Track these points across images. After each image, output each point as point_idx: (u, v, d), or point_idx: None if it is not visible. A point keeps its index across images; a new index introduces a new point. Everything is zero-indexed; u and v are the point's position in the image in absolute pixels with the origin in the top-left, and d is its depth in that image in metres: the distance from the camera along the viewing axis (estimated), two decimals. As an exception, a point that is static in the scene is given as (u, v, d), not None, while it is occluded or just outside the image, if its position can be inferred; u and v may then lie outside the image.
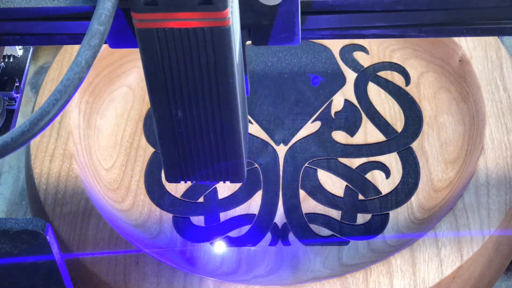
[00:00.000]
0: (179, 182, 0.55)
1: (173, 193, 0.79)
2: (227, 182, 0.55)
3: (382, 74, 0.87)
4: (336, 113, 0.84)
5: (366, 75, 0.87)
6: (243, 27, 0.50)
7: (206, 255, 0.74)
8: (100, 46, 0.44)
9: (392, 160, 0.80)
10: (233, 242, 0.75)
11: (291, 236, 0.75)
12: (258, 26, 0.50)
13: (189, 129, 0.51)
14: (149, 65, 0.48)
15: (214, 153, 0.53)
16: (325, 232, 0.75)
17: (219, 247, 0.75)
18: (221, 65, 0.48)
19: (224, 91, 0.49)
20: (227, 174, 0.54)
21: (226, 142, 0.52)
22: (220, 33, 0.46)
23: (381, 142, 0.81)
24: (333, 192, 0.78)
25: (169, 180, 0.55)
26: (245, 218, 0.77)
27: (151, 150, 0.82)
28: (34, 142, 0.78)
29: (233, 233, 0.76)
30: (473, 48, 0.83)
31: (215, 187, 0.79)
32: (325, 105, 0.84)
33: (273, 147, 0.81)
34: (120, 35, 0.50)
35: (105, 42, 0.49)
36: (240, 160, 0.53)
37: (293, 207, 0.77)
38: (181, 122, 0.51)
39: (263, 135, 0.82)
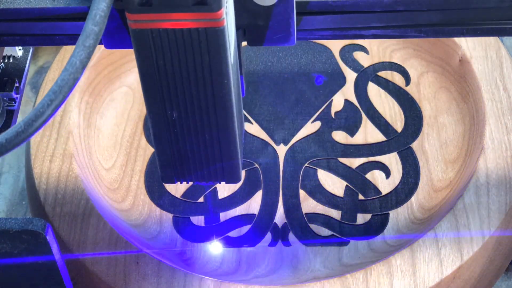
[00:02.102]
0: (175, 182, 0.55)
1: (173, 193, 0.79)
2: (223, 183, 0.55)
3: (382, 74, 0.87)
4: (336, 113, 0.84)
5: (366, 75, 0.87)
6: (238, 27, 0.50)
7: (206, 255, 0.74)
8: (95, 46, 0.44)
9: (392, 160, 0.80)
10: (233, 242, 0.75)
11: (291, 236, 0.75)
12: (253, 26, 0.50)
13: (184, 130, 0.51)
14: (144, 66, 0.48)
15: (209, 154, 0.53)
16: (325, 232, 0.75)
17: (219, 247, 0.75)
18: (215, 66, 0.48)
19: (219, 92, 0.49)
20: (222, 174, 0.54)
21: (222, 142, 0.52)
22: (215, 33, 0.46)
23: (381, 142, 0.81)
24: (333, 192, 0.78)
25: (165, 180, 0.55)
26: (245, 218, 0.77)
27: (151, 150, 0.82)
28: (34, 142, 0.78)
29: (233, 233, 0.76)
30: (473, 48, 0.83)
31: (215, 187, 0.79)
32: (325, 105, 0.84)
33: (273, 147, 0.81)
34: (116, 35, 0.50)
35: (101, 42, 0.49)
36: (235, 160, 0.53)
37: (293, 207, 0.77)
38: (176, 122, 0.51)
39: (263, 135, 0.82)
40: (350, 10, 0.51)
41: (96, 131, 0.82)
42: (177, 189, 0.79)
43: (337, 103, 0.85)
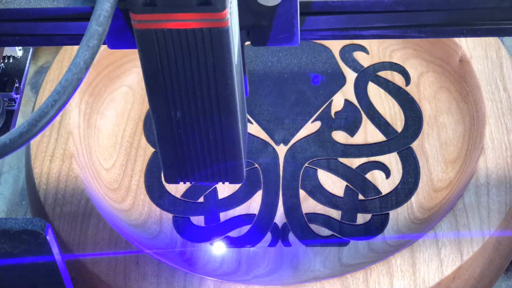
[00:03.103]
0: (178, 183, 0.55)
1: (173, 193, 0.79)
2: (227, 183, 0.55)
3: (382, 74, 0.87)
4: (336, 113, 0.84)
5: (366, 75, 0.87)
6: (241, 28, 0.50)
7: (206, 255, 0.74)
8: (99, 47, 0.44)
9: (392, 160, 0.80)
10: (233, 242, 0.75)
11: (291, 236, 0.75)
12: (257, 27, 0.50)
13: (188, 130, 0.51)
14: (148, 66, 0.48)
15: (213, 154, 0.53)
16: (325, 232, 0.75)
17: (219, 247, 0.75)
18: (219, 66, 0.48)
19: (223, 92, 0.49)
20: (226, 175, 0.54)
21: (225, 143, 0.52)
22: (219, 34, 0.46)
23: (381, 142, 0.81)
24: (333, 192, 0.78)
25: (168, 181, 0.55)
26: (245, 218, 0.77)
27: (151, 150, 0.82)
28: (34, 142, 0.78)
29: (233, 233, 0.76)
30: (473, 48, 0.83)
31: (215, 187, 0.79)
32: (325, 105, 0.84)
33: (273, 147, 0.81)
34: (119, 36, 0.50)
35: (104, 43, 0.49)
36: (239, 161, 0.53)
37: (293, 207, 0.77)
38: (180, 123, 0.51)
39: (263, 135, 0.82)
40: (353, 11, 0.51)
41: (96, 131, 0.82)
42: (177, 189, 0.79)
43: (337, 103, 0.85)
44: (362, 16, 0.52)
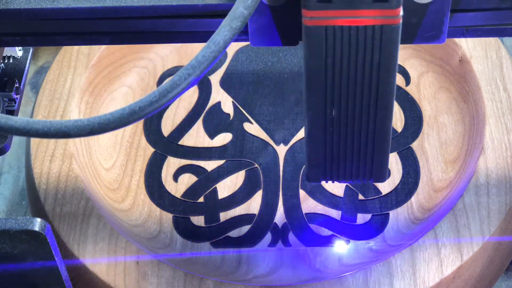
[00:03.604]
0: (320, 181, 0.55)
1: (173, 193, 0.79)
2: (366, 181, 0.55)
3: (382, 74, 0.87)
4: (336, 113, 0.84)
5: (366, 75, 0.86)
6: None
7: (206, 255, 0.74)
8: (240, 29, 0.43)
9: (392, 160, 0.80)
10: (233, 242, 0.75)
11: (291, 236, 0.75)
12: (406, 24, 0.49)
13: (341, 129, 0.51)
14: (312, 63, 0.48)
15: (361, 152, 0.52)
16: (325, 232, 0.75)
17: (220, 247, 0.75)
18: (385, 64, 0.47)
19: (383, 90, 0.49)
20: (370, 173, 0.54)
21: (376, 141, 0.52)
22: (391, 31, 0.46)
23: (381, 142, 0.81)
24: (333, 192, 0.78)
25: (311, 179, 0.55)
26: (245, 218, 0.77)
27: (151, 150, 0.82)
28: (34, 142, 0.78)
29: (233, 233, 0.76)
30: (473, 48, 0.83)
31: (215, 187, 0.79)
32: (325, 105, 0.84)
33: (273, 147, 0.81)
34: (264, 32, 0.50)
35: (247, 39, 0.49)
36: (386, 158, 0.53)
37: (293, 207, 0.77)
38: (334, 121, 0.50)
39: (263, 135, 0.82)
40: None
41: (96, 131, 0.82)
42: (177, 189, 0.79)
43: (337, 103, 0.84)
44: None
